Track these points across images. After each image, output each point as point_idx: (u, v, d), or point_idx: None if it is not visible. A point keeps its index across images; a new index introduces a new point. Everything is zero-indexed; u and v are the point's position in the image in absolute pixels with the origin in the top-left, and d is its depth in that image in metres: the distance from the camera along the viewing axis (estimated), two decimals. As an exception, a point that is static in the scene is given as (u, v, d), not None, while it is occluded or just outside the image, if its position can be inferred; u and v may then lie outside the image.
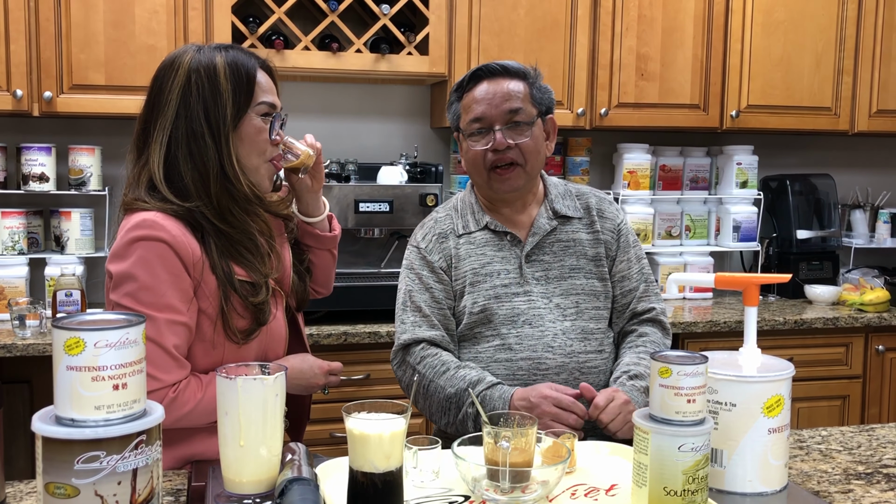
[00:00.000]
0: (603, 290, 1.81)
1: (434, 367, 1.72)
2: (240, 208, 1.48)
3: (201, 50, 1.51)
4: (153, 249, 1.41)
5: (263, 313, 1.50)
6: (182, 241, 1.43)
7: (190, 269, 1.44)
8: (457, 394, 1.68)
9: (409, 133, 3.33)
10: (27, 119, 2.90)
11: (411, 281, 1.81)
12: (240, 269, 1.48)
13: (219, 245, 1.47)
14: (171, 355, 1.42)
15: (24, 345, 2.46)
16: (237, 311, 1.47)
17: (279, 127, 1.55)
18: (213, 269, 1.46)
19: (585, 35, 3.07)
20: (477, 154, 1.75)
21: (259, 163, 1.51)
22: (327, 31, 2.94)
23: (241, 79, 1.48)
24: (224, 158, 1.46)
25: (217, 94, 1.46)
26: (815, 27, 3.28)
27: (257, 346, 1.54)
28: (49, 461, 0.91)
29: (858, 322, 3.06)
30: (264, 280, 1.50)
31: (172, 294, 1.42)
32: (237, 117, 1.47)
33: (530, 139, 1.75)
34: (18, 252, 2.80)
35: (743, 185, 3.39)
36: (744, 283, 1.40)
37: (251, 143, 1.49)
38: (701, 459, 1.15)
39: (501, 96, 1.73)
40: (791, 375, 1.32)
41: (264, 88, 1.52)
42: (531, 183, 1.80)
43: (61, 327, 0.91)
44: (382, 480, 1.11)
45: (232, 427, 1.16)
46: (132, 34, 2.72)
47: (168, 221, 1.44)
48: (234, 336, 1.48)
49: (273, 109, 1.53)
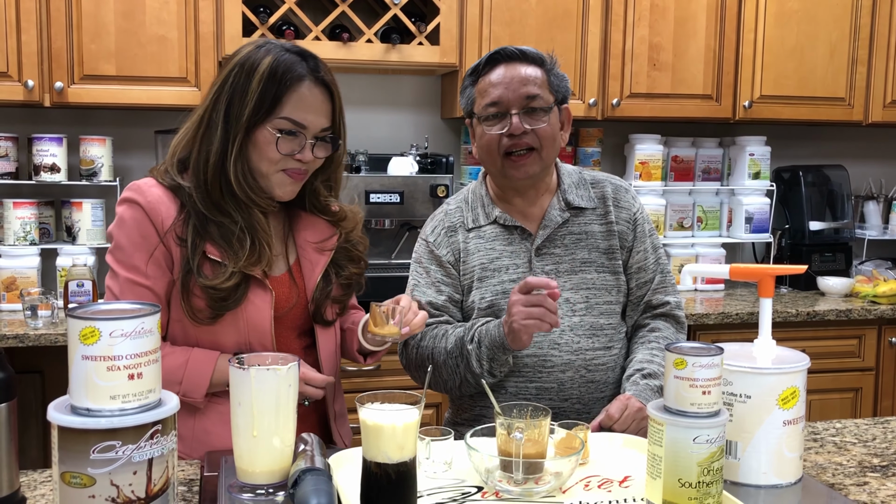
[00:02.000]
0: (615, 283, 1.77)
1: (436, 336, 1.72)
2: (233, 200, 1.48)
3: (265, 47, 1.49)
4: (129, 211, 1.47)
5: (223, 299, 1.46)
6: (157, 208, 1.46)
7: (161, 235, 1.47)
8: (457, 344, 1.67)
9: (419, 124, 3.32)
10: (39, 109, 2.91)
11: (418, 275, 1.80)
12: (213, 250, 1.47)
13: (198, 224, 1.47)
14: None
15: (36, 335, 2.47)
16: (195, 290, 1.46)
17: (310, 150, 1.48)
18: (182, 243, 1.46)
19: (597, 25, 3.06)
20: (492, 139, 1.71)
21: (270, 170, 1.49)
22: (338, 21, 2.93)
23: (271, 88, 1.45)
24: (227, 154, 1.46)
25: (243, 94, 1.46)
26: (829, 17, 3.25)
27: (235, 335, 1.51)
28: (65, 451, 0.91)
29: (871, 314, 3.04)
30: (235, 267, 1.46)
31: (139, 257, 1.46)
32: (253, 122, 1.46)
33: (547, 125, 1.70)
34: (30, 242, 2.81)
35: (755, 176, 3.37)
36: (759, 275, 1.39)
37: (260, 150, 1.47)
38: (716, 451, 1.15)
39: (519, 80, 1.70)
40: (807, 367, 1.31)
41: (300, 105, 1.47)
42: (545, 171, 1.76)
43: (76, 317, 0.91)
44: (396, 471, 1.11)
45: (245, 417, 1.16)
46: (142, 24, 2.72)
47: (155, 188, 1.49)
48: (192, 315, 1.47)
49: (298, 128, 1.47)
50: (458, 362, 1.68)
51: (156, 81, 2.75)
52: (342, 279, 1.63)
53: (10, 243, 2.80)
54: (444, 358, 1.69)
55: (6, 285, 2.78)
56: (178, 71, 2.76)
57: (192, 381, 1.48)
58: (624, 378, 1.72)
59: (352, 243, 1.65)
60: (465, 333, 1.67)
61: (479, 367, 1.65)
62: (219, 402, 1.53)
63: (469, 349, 1.66)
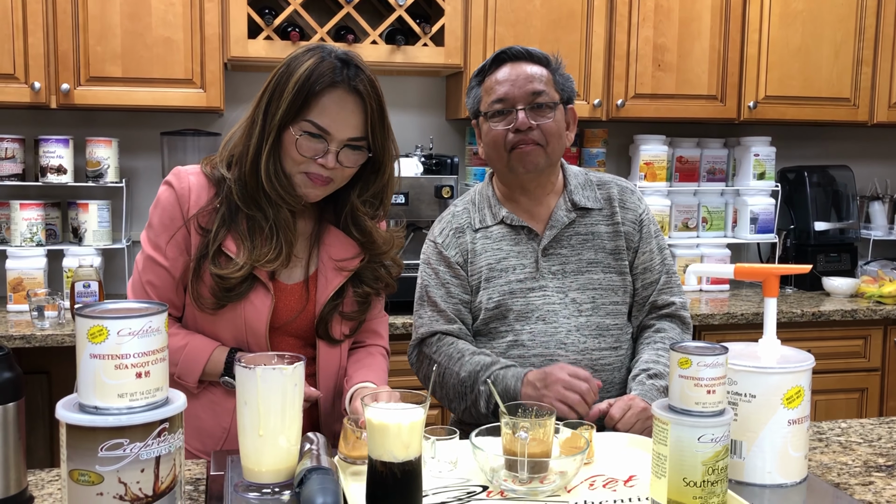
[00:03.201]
0: (621, 284, 1.78)
1: (450, 354, 1.72)
2: (265, 197, 1.50)
3: (314, 50, 1.50)
4: (164, 194, 1.54)
5: (228, 290, 1.48)
6: (187, 194, 1.51)
7: (185, 219, 1.51)
8: (470, 376, 1.68)
9: (424, 125, 3.32)
10: (45, 111, 2.92)
11: (428, 276, 1.80)
12: (231, 242, 1.50)
13: (227, 214, 1.51)
14: (143, 288, 1.54)
15: (43, 336, 2.48)
16: (203, 279, 1.50)
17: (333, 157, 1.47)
18: (203, 232, 1.50)
19: (602, 25, 3.06)
20: (498, 135, 1.72)
21: (293, 170, 1.49)
22: (343, 22, 2.94)
23: (304, 91, 1.45)
24: (261, 151, 1.48)
25: (280, 94, 1.46)
26: (833, 17, 3.25)
27: (232, 331, 1.52)
28: (73, 448, 0.91)
29: (877, 314, 3.04)
30: (248, 262, 1.48)
31: (164, 237, 1.52)
32: (284, 122, 1.46)
33: (553, 121, 1.72)
34: (37, 244, 2.82)
35: (760, 177, 3.36)
36: (763, 274, 1.39)
37: (285, 151, 1.48)
38: (720, 450, 1.15)
39: (525, 78, 1.71)
40: (811, 367, 1.31)
41: (326, 111, 1.46)
42: (551, 169, 1.77)
43: (85, 315, 0.92)
44: (401, 470, 1.11)
45: (251, 417, 1.16)
46: (148, 26, 2.73)
47: (193, 176, 1.54)
48: (196, 301, 1.51)
49: (321, 132, 1.46)
50: (467, 393, 1.69)
51: (161, 83, 2.76)
52: (357, 296, 1.60)
53: (17, 244, 2.81)
54: (453, 382, 1.70)
55: (13, 286, 2.79)
56: (184, 73, 2.77)
57: (187, 366, 1.52)
58: (630, 378, 1.72)
59: (385, 266, 1.63)
60: (482, 371, 1.64)
61: (486, 409, 1.67)
62: (211, 390, 1.55)
63: (481, 389, 1.67)
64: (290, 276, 1.56)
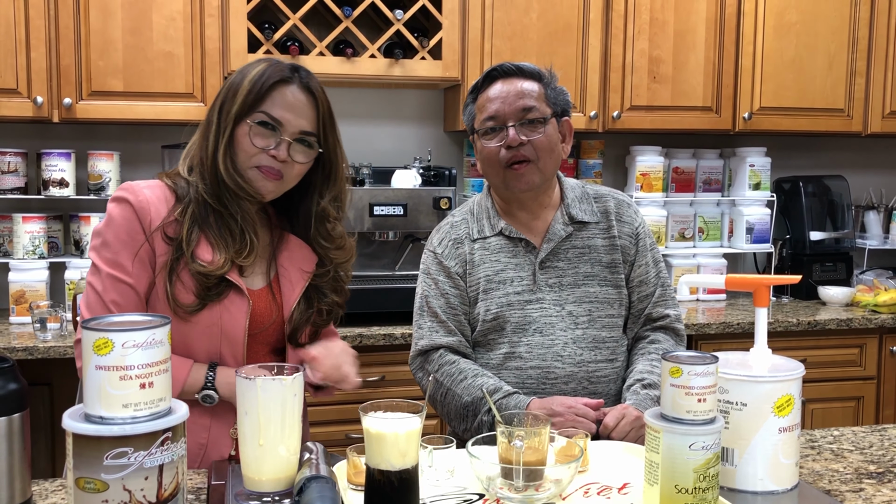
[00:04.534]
0: (617, 297, 1.80)
1: (452, 374, 1.73)
2: (228, 192, 1.53)
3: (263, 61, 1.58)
4: (118, 209, 1.51)
5: (209, 289, 1.49)
6: (146, 207, 1.50)
7: (147, 234, 1.50)
8: (473, 402, 1.69)
9: (422, 137, 3.35)
10: (47, 125, 2.95)
11: (427, 286, 1.82)
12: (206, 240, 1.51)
13: (197, 213, 1.52)
14: (107, 308, 1.49)
15: (45, 347, 2.50)
16: (182, 280, 1.50)
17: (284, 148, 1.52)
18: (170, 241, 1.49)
19: (598, 38, 3.09)
20: (491, 152, 1.75)
21: (246, 164, 1.53)
22: (342, 36, 2.97)
23: (257, 87, 1.52)
24: (218, 148, 1.52)
25: (235, 93, 1.53)
26: (827, 29, 3.28)
27: (207, 341, 1.52)
28: (79, 457, 0.94)
29: (872, 323, 3.06)
30: (228, 257, 1.51)
31: (125, 255, 1.49)
32: (238, 117, 1.52)
33: (543, 136, 1.73)
34: (39, 256, 2.85)
35: (756, 187, 3.39)
36: (754, 285, 1.41)
37: (238, 144, 1.53)
38: (712, 458, 1.17)
39: (515, 94, 1.73)
40: (801, 375, 1.34)
41: (280, 103, 1.52)
42: (546, 183, 1.79)
43: (91, 328, 0.94)
44: (399, 478, 1.13)
45: (251, 426, 1.18)
46: (150, 41, 2.76)
47: (147, 189, 1.52)
48: (174, 306, 1.49)
49: (275, 122, 1.51)
50: (469, 416, 1.72)
51: (162, 97, 2.79)
52: (324, 305, 1.64)
53: (20, 257, 2.83)
54: (455, 405, 1.73)
55: (15, 298, 2.81)
56: (185, 87, 2.80)
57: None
58: (624, 388, 1.75)
59: (340, 276, 1.68)
60: (485, 398, 1.63)
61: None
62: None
63: (483, 420, 1.69)
64: (253, 283, 1.59)
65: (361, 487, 1.31)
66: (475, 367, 1.75)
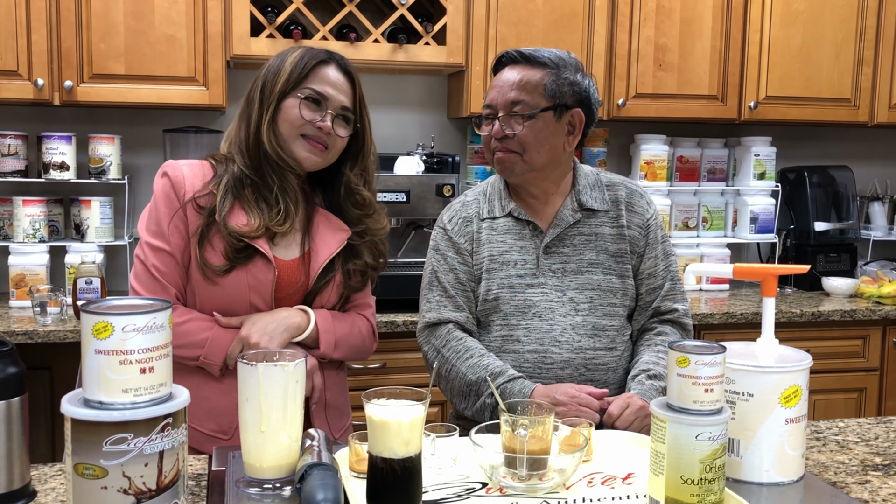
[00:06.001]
0: (621, 286, 1.78)
1: (458, 351, 1.73)
2: (269, 164, 1.62)
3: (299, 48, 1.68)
4: (159, 185, 1.63)
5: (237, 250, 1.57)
6: (181, 180, 1.61)
7: (181, 203, 1.60)
8: (477, 382, 1.69)
9: (425, 123, 3.33)
10: (48, 108, 2.93)
11: (437, 261, 1.82)
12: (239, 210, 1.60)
13: (233, 182, 1.61)
14: (151, 275, 1.60)
15: (45, 332, 2.49)
16: (212, 244, 1.58)
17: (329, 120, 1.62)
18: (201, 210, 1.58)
19: (603, 25, 3.07)
20: (485, 139, 1.78)
21: (292, 134, 1.62)
22: (345, 21, 2.94)
23: (300, 66, 1.63)
24: (262, 122, 1.62)
25: (277, 73, 1.63)
26: (834, 17, 3.25)
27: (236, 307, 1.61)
28: (78, 443, 0.92)
29: (876, 315, 3.05)
30: (262, 223, 1.59)
31: (164, 224, 1.60)
32: (283, 93, 1.61)
33: (527, 130, 1.70)
34: (39, 240, 2.83)
35: (761, 177, 3.37)
36: (762, 274, 1.40)
37: (286, 115, 1.62)
38: (718, 449, 1.16)
39: (509, 85, 1.72)
40: (809, 366, 1.32)
41: (323, 80, 1.63)
42: (539, 174, 1.76)
43: (90, 311, 0.93)
44: (402, 466, 1.12)
45: (253, 413, 1.17)
46: (152, 24, 2.74)
47: (185, 166, 1.63)
48: (203, 269, 1.58)
49: (320, 97, 1.62)
50: (471, 395, 1.71)
51: (164, 81, 2.77)
52: (357, 266, 1.70)
53: (20, 241, 2.82)
54: (459, 383, 1.72)
55: (16, 282, 2.80)
56: (187, 70, 2.78)
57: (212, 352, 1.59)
58: (629, 378, 1.73)
59: (376, 241, 1.74)
60: (489, 381, 1.57)
61: (490, 418, 1.67)
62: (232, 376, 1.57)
63: (486, 402, 1.69)
64: (287, 254, 1.65)
65: (364, 475, 1.30)
66: (481, 347, 1.74)
